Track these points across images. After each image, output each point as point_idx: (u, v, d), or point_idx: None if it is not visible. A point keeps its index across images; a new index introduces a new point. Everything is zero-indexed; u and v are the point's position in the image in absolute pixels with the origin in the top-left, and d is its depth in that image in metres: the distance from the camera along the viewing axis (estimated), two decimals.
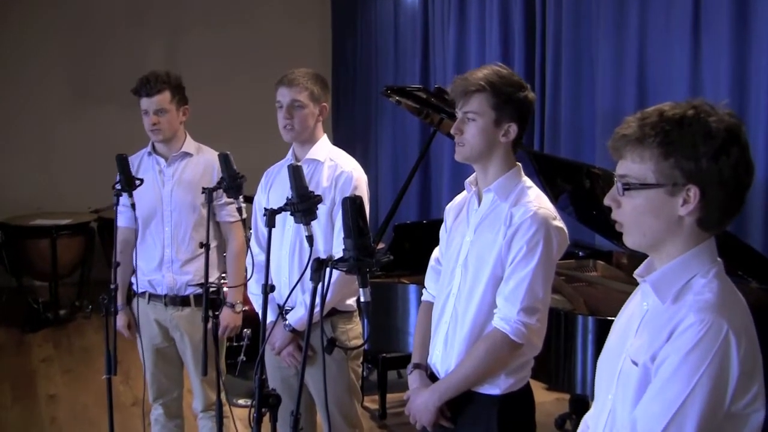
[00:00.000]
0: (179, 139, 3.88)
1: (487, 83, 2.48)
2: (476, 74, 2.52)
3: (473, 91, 2.50)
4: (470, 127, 2.54)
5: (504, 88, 2.49)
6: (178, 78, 3.82)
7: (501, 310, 2.50)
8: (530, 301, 2.46)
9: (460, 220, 2.70)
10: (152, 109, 3.74)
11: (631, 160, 1.72)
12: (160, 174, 3.87)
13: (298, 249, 3.29)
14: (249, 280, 3.33)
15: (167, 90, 3.75)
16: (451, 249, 2.68)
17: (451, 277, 2.64)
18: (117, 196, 3.51)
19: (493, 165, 2.58)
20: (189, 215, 3.82)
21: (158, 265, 3.84)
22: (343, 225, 1.97)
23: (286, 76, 3.30)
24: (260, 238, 3.48)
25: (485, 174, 2.60)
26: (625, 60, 4.71)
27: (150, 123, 3.76)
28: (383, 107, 7.93)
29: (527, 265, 2.46)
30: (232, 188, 3.10)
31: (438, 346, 2.65)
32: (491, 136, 2.53)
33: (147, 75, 3.75)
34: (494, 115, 2.51)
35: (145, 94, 3.73)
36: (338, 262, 1.96)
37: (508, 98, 2.50)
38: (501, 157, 2.57)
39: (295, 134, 3.30)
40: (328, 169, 3.31)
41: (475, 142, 2.54)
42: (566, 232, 2.54)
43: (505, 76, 2.51)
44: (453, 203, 2.80)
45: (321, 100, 3.33)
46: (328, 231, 3.27)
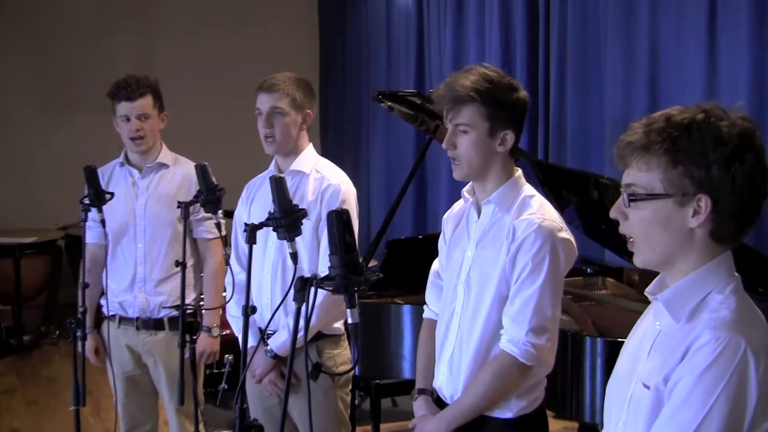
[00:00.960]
0: (155, 148, 3.90)
1: (476, 93, 2.48)
2: (463, 81, 2.50)
3: (463, 101, 2.50)
4: (463, 141, 2.53)
5: (495, 95, 2.49)
6: (156, 82, 3.85)
7: (508, 331, 2.51)
8: (539, 321, 2.47)
9: (459, 232, 2.71)
10: (135, 114, 3.76)
11: (638, 168, 1.72)
12: (134, 186, 3.87)
13: (281, 268, 3.29)
14: (228, 301, 3.32)
15: (149, 94, 3.77)
16: (451, 264, 2.69)
17: (453, 295, 2.65)
18: (85, 212, 3.52)
19: (492, 176, 2.59)
20: (164, 231, 3.83)
21: (130, 285, 3.84)
22: (328, 241, 1.97)
23: (265, 81, 3.31)
24: (241, 255, 3.48)
25: (483, 186, 2.61)
26: (635, 61, 4.72)
27: (133, 129, 3.77)
28: (375, 114, 7.94)
29: (533, 282, 2.46)
30: (210, 202, 3.11)
31: (443, 369, 2.65)
32: (487, 148, 2.53)
33: (126, 78, 3.78)
34: (488, 126, 2.51)
35: (125, 98, 3.74)
36: (324, 281, 1.96)
37: (500, 105, 2.49)
38: (499, 167, 2.58)
39: (276, 146, 3.31)
40: (313, 181, 3.32)
41: (470, 157, 2.54)
42: (574, 243, 2.55)
43: (495, 80, 2.50)
44: (451, 212, 2.80)
45: (304, 106, 3.34)
46: (314, 248, 3.27)
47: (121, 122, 3.79)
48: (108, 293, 3.83)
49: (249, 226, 2.52)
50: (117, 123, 3.82)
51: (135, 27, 8.95)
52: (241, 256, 3.48)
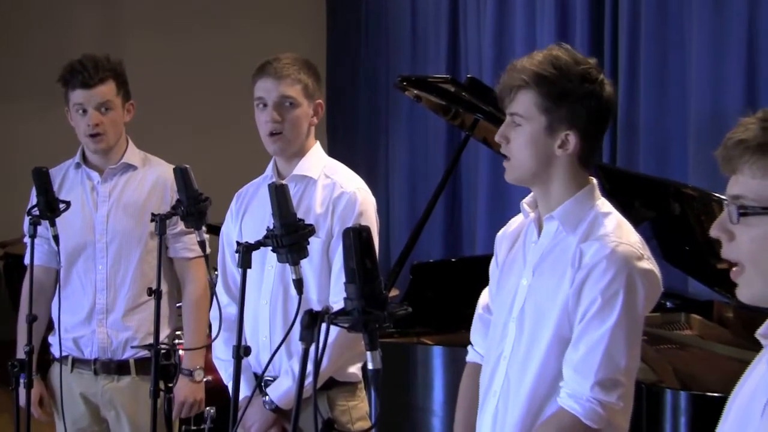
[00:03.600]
0: (119, 146, 3.91)
1: (532, 76, 2.50)
2: (526, 62, 2.54)
3: (519, 87, 2.53)
4: (517, 135, 2.56)
5: (558, 82, 2.50)
6: (120, 64, 3.85)
7: (569, 383, 2.48)
8: (609, 373, 2.44)
9: (514, 254, 2.71)
10: (93, 104, 3.76)
11: (750, 175, 1.71)
12: (93, 193, 3.88)
13: (282, 298, 3.29)
14: (215, 339, 3.31)
15: (111, 79, 3.77)
16: (502, 295, 2.69)
17: (502, 334, 2.64)
18: (34, 225, 3.50)
19: (556, 185, 2.58)
20: (131, 249, 3.83)
21: (87, 318, 3.83)
22: (344, 265, 1.95)
23: (270, 65, 3.32)
24: (230, 282, 3.48)
25: (546, 196, 2.61)
26: (727, 44, 4.71)
27: (90, 124, 3.76)
28: (397, 106, 7.94)
29: (603, 323, 2.44)
30: (193, 214, 3.10)
31: (485, 425, 2.65)
32: (543, 148, 2.54)
33: (80, 59, 3.78)
34: (544, 120, 2.53)
35: (80, 85, 3.74)
36: (338, 316, 1.94)
37: (563, 97, 2.51)
38: (565, 174, 2.58)
39: (285, 143, 3.31)
40: (323, 188, 3.32)
41: (523, 156, 2.56)
42: (658, 275, 2.53)
43: (564, 66, 2.51)
44: (507, 229, 2.81)
45: (316, 96, 3.35)
46: (323, 273, 3.27)
47: (76, 114, 3.79)
48: (59, 328, 3.81)
49: (242, 246, 2.51)
50: (71, 115, 3.82)
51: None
52: (231, 283, 3.48)
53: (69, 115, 3.83)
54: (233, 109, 6.74)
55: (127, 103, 3.86)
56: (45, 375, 3.93)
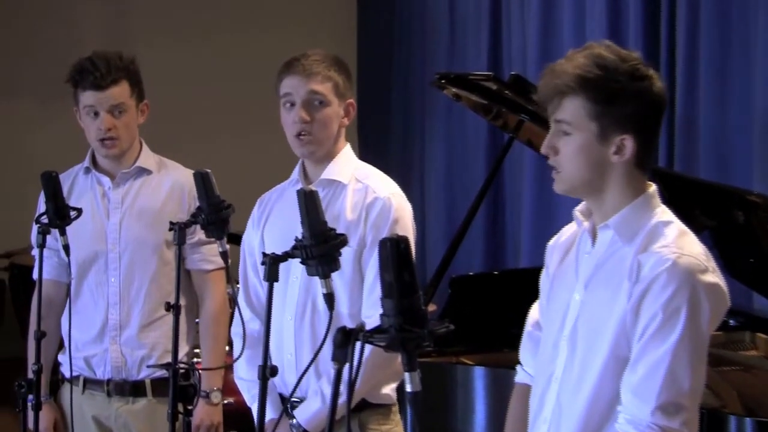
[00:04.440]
0: (133, 150, 3.91)
1: (577, 80, 2.49)
2: (566, 65, 2.52)
3: (563, 93, 2.52)
4: (566, 145, 2.55)
5: (606, 84, 2.49)
6: (134, 62, 3.86)
7: (628, 408, 2.46)
8: (671, 396, 2.43)
9: (566, 266, 2.70)
10: (105, 107, 3.75)
11: None
12: (104, 199, 3.89)
13: (311, 313, 3.29)
14: (237, 359, 3.30)
15: (125, 79, 3.78)
16: (553, 310, 2.69)
17: (553, 353, 2.63)
18: (43, 234, 3.50)
19: (611, 193, 2.57)
20: (146, 260, 3.83)
21: (99, 335, 3.84)
22: (380, 279, 1.95)
23: (298, 61, 3.32)
24: (252, 296, 3.49)
25: (600, 205, 2.60)
26: None
27: (103, 128, 3.76)
28: (434, 105, 7.93)
29: (665, 341, 2.42)
30: (214, 223, 3.10)
31: None
32: (597, 157, 2.54)
33: (91, 57, 3.78)
34: (596, 127, 2.52)
35: (91, 86, 3.74)
36: (374, 334, 1.93)
37: (614, 98, 2.50)
38: (621, 181, 2.57)
39: (313, 145, 3.31)
40: (354, 194, 3.33)
41: (574, 167, 2.55)
42: (724, 289, 2.51)
43: (611, 65, 2.50)
44: (560, 238, 2.80)
45: (347, 95, 3.36)
46: (355, 285, 3.28)
47: (86, 116, 3.80)
48: (69, 347, 3.82)
49: (269, 257, 2.51)
50: (80, 116, 3.83)
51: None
52: (253, 297, 3.48)
53: (78, 115, 3.84)
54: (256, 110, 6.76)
55: (141, 103, 3.86)
56: (55, 397, 3.94)
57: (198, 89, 8.80)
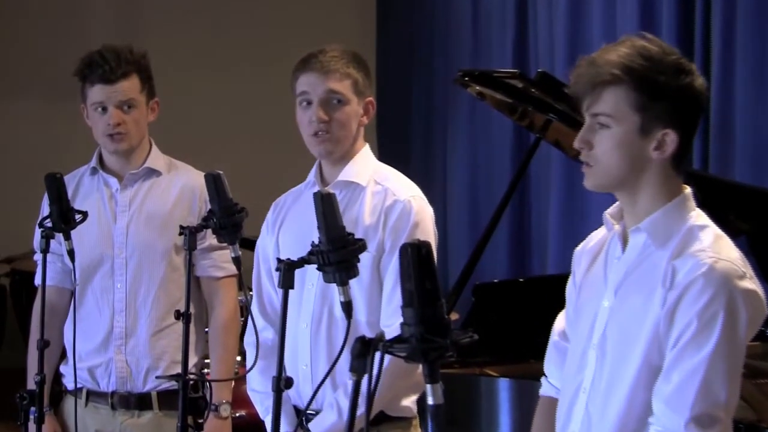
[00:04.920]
0: (142, 149, 3.92)
1: (625, 71, 2.51)
2: (608, 55, 2.54)
3: (605, 83, 2.52)
4: (603, 138, 2.55)
5: (651, 76, 2.51)
6: (145, 57, 3.87)
7: (660, 419, 2.47)
8: (706, 407, 2.43)
9: (595, 272, 2.70)
10: (114, 102, 3.77)
11: None
12: (111, 201, 3.89)
13: (327, 321, 3.29)
14: (251, 369, 3.30)
15: (135, 73, 3.79)
16: (581, 318, 2.68)
17: (581, 363, 2.63)
18: (46, 239, 3.50)
19: (645, 193, 2.58)
20: (154, 265, 3.84)
21: (103, 344, 3.84)
22: (401, 286, 1.94)
23: (315, 57, 3.32)
24: (266, 303, 3.49)
25: (633, 206, 2.60)
26: None
27: (111, 123, 3.77)
28: (457, 104, 7.92)
29: (700, 350, 2.43)
30: (227, 227, 3.10)
31: None
32: (636, 151, 2.54)
33: (100, 50, 3.80)
34: (639, 119, 2.53)
35: (100, 80, 3.76)
36: (394, 344, 1.93)
37: (659, 92, 2.51)
38: (657, 180, 2.58)
39: (331, 144, 3.31)
40: (372, 196, 3.33)
41: (611, 161, 2.55)
42: (763, 297, 2.51)
43: (656, 56, 2.53)
44: (587, 244, 2.80)
45: (366, 93, 3.36)
46: (373, 292, 3.27)
47: (94, 112, 3.80)
48: (73, 356, 3.82)
49: (284, 263, 2.51)
50: (88, 113, 3.84)
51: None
52: (266, 304, 3.48)
53: (85, 113, 3.84)
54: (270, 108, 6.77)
55: (151, 101, 3.87)
56: (57, 409, 3.93)
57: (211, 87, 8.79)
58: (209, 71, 8.85)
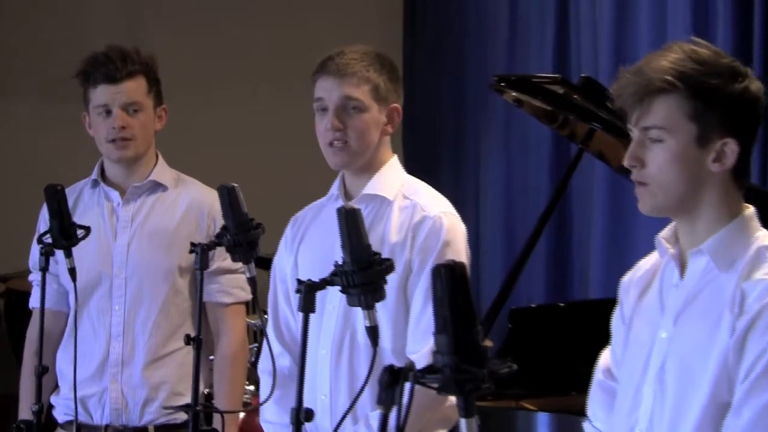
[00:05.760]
0: (148, 160, 3.94)
1: (677, 78, 2.50)
2: (656, 62, 2.54)
3: (654, 93, 2.52)
4: (656, 154, 2.55)
5: (706, 81, 2.51)
6: (153, 60, 3.87)
7: None
8: None
9: (649, 302, 2.69)
10: (118, 104, 3.78)
11: None
12: (112, 217, 3.92)
13: (350, 347, 3.30)
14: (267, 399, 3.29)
15: (141, 75, 3.80)
16: (633, 353, 2.67)
17: (635, 402, 2.61)
18: (46, 256, 3.50)
19: (705, 212, 2.57)
20: (156, 287, 3.86)
21: (98, 372, 3.86)
22: (434, 311, 1.93)
23: (332, 60, 3.33)
24: (282, 327, 3.49)
25: (692, 226, 2.60)
26: None
27: (116, 126, 3.78)
28: (491, 112, 7.90)
29: None
30: (241, 245, 3.09)
31: None
32: (695, 165, 2.54)
33: (106, 51, 3.82)
34: (695, 129, 2.52)
35: (104, 79, 3.78)
36: (426, 374, 1.91)
37: (714, 97, 2.51)
38: (717, 196, 2.57)
39: (348, 155, 3.31)
40: (400, 212, 3.33)
41: (667, 179, 2.54)
42: None
43: (707, 59, 2.53)
44: (635, 274, 2.79)
45: (390, 99, 3.36)
46: (399, 316, 3.28)
47: (97, 117, 3.83)
48: (62, 385, 3.83)
49: (304, 284, 2.50)
50: (89, 119, 3.87)
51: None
52: (283, 328, 3.49)
53: (87, 121, 3.86)
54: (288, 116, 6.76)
55: (158, 107, 3.89)
56: None
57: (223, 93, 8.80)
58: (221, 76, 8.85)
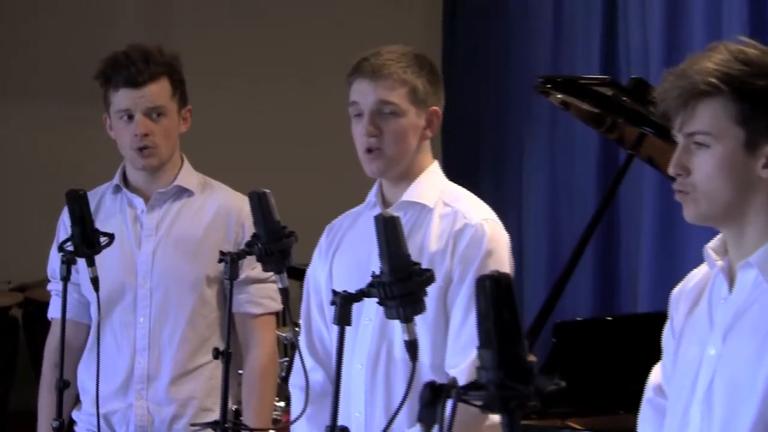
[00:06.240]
0: (172, 165, 3.95)
1: (722, 78, 2.50)
2: (701, 63, 2.53)
3: (699, 96, 2.52)
4: (702, 160, 2.55)
5: (753, 82, 2.51)
6: (177, 59, 3.88)
7: None
8: None
9: (697, 316, 2.69)
10: (141, 109, 3.78)
11: None
12: (135, 224, 3.93)
13: (386, 362, 3.30)
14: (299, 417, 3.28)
15: (165, 76, 3.80)
16: (682, 370, 2.67)
17: (682, 422, 2.62)
18: (67, 265, 3.51)
19: (754, 222, 2.57)
20: (183, 298, 3.87)
21: (122, 387, 3.87)
22: (477, 325, 1.93)
23: (366, 60, 3.33)
24: (316, 341, 3.50)
25: (739, 237, 2.60)
26: None
27: (138, 133, 3.78)
28: (535, 115, 7.89)
29: None
30: (273, 254, 3.09)
31: None
32: (743, 172, 2.54)
33: (126, 51, 3.82)
34: (743, 134, 2.52)
35: (125, 83, 3.78)
36: (469, 391, 1.91)
37: (763, 100, 2.51)
38: (766, 205, 2.56)
39: (384, 162, 3.31)
40: (440, 219, 3.33)
41: (714, 187, 2.54)
42: None
43: (755, 59, 2.53)
44: (686, 285, 2.78)
45: (429, 102, 3.37)
46: (438, 331, 3.28)
47: (119, 121, 3.83)
48: (84, 401, 3.84)
49: (340, 296, 2.50)
50: (110, 122, 3.87)
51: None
52: (316, 341, 3.50)
53: (108, 123, 3.87)
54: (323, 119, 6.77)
55: (183, 109, 3.89)
56: None
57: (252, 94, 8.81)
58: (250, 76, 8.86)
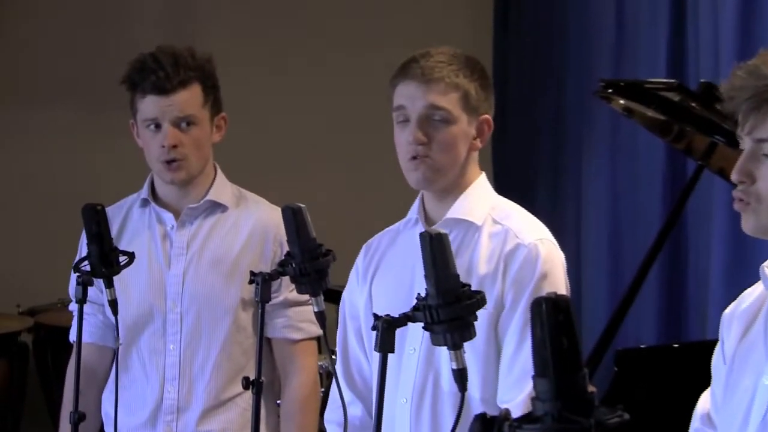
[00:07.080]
0: (205, 177, 3.96)
1: None
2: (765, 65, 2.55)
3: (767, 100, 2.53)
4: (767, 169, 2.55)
5: None
6: (210, 62, 3.88)
7: None
8: None
9: (751, 341, 2.70)
10: (170, 118, 3.80)
11: None
12: (165, 242, 3.95)
13: (431, 395, 3.30)
14: None
15: (197, 82, 3.80)
16: (734, 398, 2.68)
17: None
18: (83, 286, 3.51)
19: None
20: (216, 322, 3.89)
21: (150, 420, 3.90)
22: (533, 352, 1.93)
23: (416, 63, 3.34)
24: (354, 371, 3.51)
25: None
26: None
27: (167, 145, 3.79)
28: (595, 122, 7.89)
29: None
30: (309, 274, 3.09)
31: None
32: None
33: (154, 53, 3.83)
34: None
35: (153, 89, 3.79)
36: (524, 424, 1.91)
37: None
38: None
39: (431, 171, 3.31)
40: (490, 238, 3.34)
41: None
42: None
43: None
44: (738, 306, 2.81)
45: (481, 109, 3.37)
46: (489, 361, 3.28)
47: (146, 130, 3.85)
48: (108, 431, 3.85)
49: (382, 320, 2.49)
50: (137, 131, 3.88)
51: None
52: (354, 372, 3.51)
53: (135, 130, 3.88)
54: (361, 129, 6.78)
55: (217, 116, 3.90)
56: None
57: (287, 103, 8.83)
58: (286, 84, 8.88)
